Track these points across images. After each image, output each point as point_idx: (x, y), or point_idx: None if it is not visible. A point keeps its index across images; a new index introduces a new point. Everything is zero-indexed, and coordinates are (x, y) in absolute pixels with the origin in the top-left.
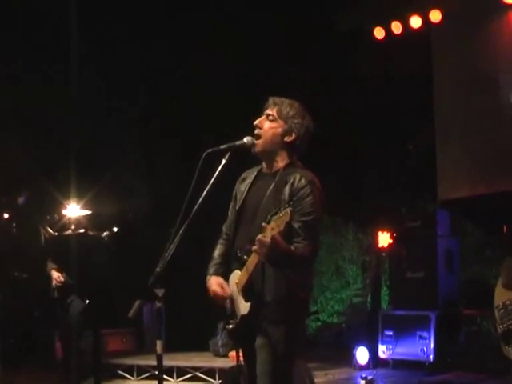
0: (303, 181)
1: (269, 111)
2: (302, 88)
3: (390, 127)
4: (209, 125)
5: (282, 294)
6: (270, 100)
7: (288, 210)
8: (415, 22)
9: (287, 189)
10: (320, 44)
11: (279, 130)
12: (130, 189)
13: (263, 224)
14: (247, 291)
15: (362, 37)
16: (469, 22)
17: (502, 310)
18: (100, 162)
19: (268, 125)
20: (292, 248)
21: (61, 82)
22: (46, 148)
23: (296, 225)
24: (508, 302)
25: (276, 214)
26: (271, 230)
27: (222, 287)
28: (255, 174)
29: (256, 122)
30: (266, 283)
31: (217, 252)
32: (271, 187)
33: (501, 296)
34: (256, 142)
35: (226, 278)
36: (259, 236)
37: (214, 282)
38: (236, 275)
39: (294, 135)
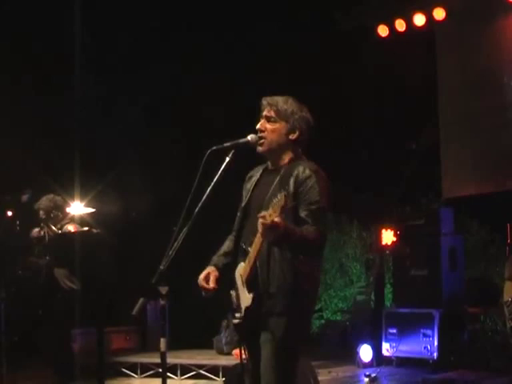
0: (307, 171)
1: (266, 113)
2: (304, 87)
3: (395, 125)
4: (213, 123)
5: (288, 285)
6: (264, 101)
7: (282, 194)
8: (419, 19)
9: (292, 181)
10: (323, 42)
11: (283, 130)
12: (134, 187)
13: (262, 213)
14: (250, 282)
15: (365, 35)
16: (473, 20)
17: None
18: (104, 160)
19: (270, 126)
20: (295, 227)
21: (64, 81)
22: (50, 146)
23: (303, 213)
24: None
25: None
26: (269, 217)
27: (206, 279)
28: (261, 171)
29: (258, 127)
30: (271, 274)
31: (224, 247)
32: (276, 181)
33: (510, 291)
34: (261, 141)
35: (230, 272)
36: (260, 220)
37: (205, 272)
38: (241, 267)
39: (297, 132)
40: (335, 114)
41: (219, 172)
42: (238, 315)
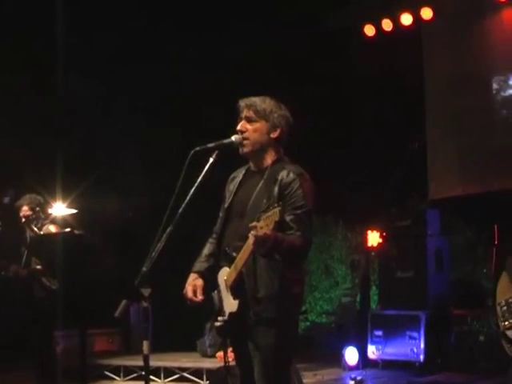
0: (291, 175)
1: (246, 113)
2: (292, 87)
3: (381, 126)
4: (205, 123)
5: (276, 290)
6: (241, 103)
7: (277, 209)
8: (406, 19)
9: (276, 186)
10: (311, 42)
11: (264, 129)
12: (125, 187)
13: (253, 224)
14: (236, 288)
15: (352, 35)
16: (461, 20)
17: (505, 307)
18: (87, 160)
19: (251, 127)
20: (283, 236)
21: (49, 81)
22: (33, 147)
23: (288, 218)
24: (511, 300)
25: (266, 211)
26: (260, 229)
27: (194, 291)
28: (243, 172)
29: (239, 128)
30: (258, 280)
31: (205, 250)
32: (260, 185)
33: (504, 293)
34: (244, 142)
35: (213, 275)
36: (252, 232)
37: (191, 282)
38: (224, 272)
39: (278, 130)
40: (322, 115)
41: (203, 173)
42: (220, 318)
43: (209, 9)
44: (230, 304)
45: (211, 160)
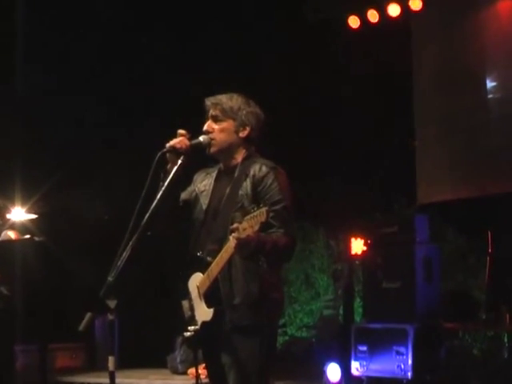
0: (264, 168)
1: (212, 112)
2: (268, 87)
3: (366, 125)
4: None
5: (253, 296)
6: (207, 102)
7: (264, 209)
8: (393, 10)
9: (248, 182)
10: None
11: (231, 128)
12: (100, 188)
13: (235, 225)
14: (210, 296)
15: (335, 26)
16: (452, 11)
17: None
18: (49, 162)
19: (218, 126)
20: (266, 236)
21: (6, 81)
22: None
23: None
24: None
25: (244, 210)
26: (243, 231)
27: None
28: (215, 174)
29: (205, 128)
30: (234, 285)
31: None
32: (232, 183)
33: None
34: (211, 143)
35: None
36: (234, 234)
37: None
38: (197, 278)
39: (247, 128)
40: (300, 114)
41: (170, 175)
42: (191, 328)
43: (179, 9)
44: (204, 313)
45: (179, 162)
